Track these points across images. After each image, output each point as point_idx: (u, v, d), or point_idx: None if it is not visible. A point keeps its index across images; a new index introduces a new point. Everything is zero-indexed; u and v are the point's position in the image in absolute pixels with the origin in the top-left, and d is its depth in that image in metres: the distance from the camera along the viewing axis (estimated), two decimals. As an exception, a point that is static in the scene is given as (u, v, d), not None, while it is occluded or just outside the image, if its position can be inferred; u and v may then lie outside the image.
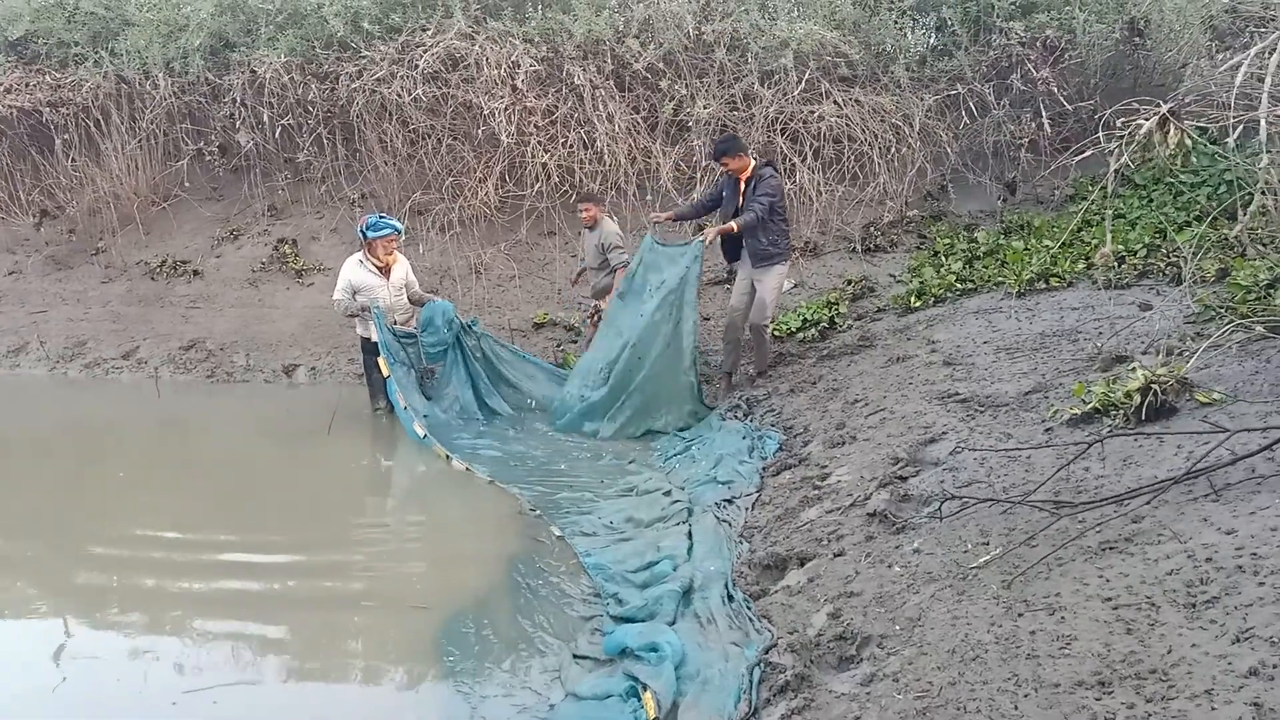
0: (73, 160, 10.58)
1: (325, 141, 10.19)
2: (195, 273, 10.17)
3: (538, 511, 5.37)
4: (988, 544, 3.23)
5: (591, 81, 9.53)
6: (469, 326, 7.51)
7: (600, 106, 9.50)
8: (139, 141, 10.55)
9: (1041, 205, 9.02)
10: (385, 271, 7.20)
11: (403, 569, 4.93)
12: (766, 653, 3.17)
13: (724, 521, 4.63)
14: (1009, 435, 4.28)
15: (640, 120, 9.70)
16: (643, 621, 3.73)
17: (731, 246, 7.22)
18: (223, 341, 9.39)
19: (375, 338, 7.05)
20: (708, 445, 6.08)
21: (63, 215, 10.87)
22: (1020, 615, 2.75)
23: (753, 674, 3.07)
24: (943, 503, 3.53)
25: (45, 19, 10.93)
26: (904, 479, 4.16)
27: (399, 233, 7.18)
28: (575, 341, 8.68)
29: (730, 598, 3.70)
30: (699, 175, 9.52)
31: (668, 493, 5.31)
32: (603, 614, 4.02)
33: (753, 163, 7.11)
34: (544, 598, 4.32)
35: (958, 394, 5.16)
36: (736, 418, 6.59)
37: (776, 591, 3.69)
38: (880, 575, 3.37)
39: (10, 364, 9.50)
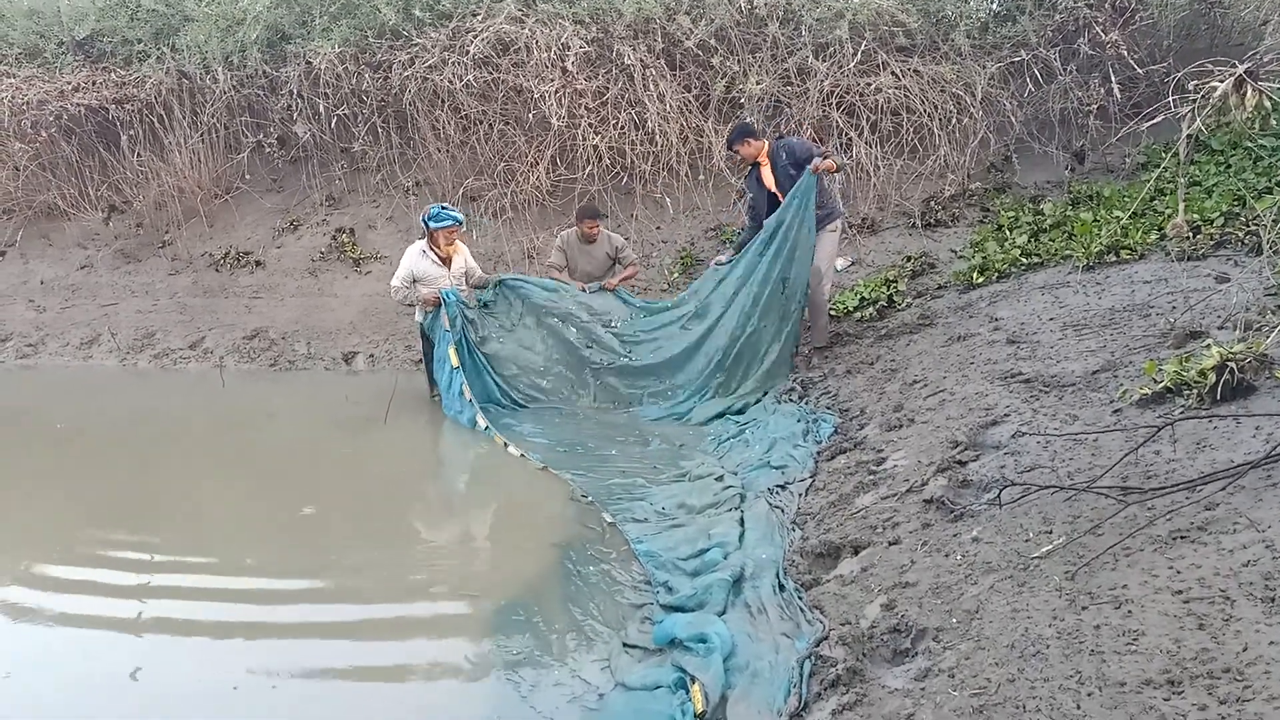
0: (138, 156, 10.80)
1: (380, 130, 10.24)
2: (257, 263, 10.33)
3: (589, 498, 5.32)
4: (1050, 533, 3.09)
5: (642, 61, 9.42)
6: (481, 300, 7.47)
7: (651, 86, 9.39)
8: (201, 135, 10.73)
9: (1111, 174, 8.68)
10: (446, 262, 7.21)
11: (456, 557, 4.94)
12: (818, 645, 3.08)
13: (776, 508, 4.52)
14: (1075, 417, 4.10)
15: (692, 99, 9.57)
16: (692, 611, 3.65)
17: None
18: (284, 330, 9.52)
19: (448, 325, 7.03)
20: (761, 429, 5.97)
21: (130, 210, 11.11)
22: (1084, 608, 2.61)
23: (803, 667, 2.98)
24: (1003, 489, 3.38)
25: (109, 18, 11.17)
26: (963, 464, 4.01)
27: (460, 224, 7.17)
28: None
29: (781, 587, 3.60)
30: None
31: (720, 478, 5.22)
32: (653, 602, 3.96)
33: (766, 143, 6.97)
34: (595, 585, 4.27)
35: (1021, 374, 4.98)
36: (791, 400, 6.47)
37: (829, 581, 3.58)
38: (937, 565, 3.24)
39: (83, 355, 9.76)
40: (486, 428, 6.66)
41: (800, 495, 4.64)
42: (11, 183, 10.99)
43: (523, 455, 6.14)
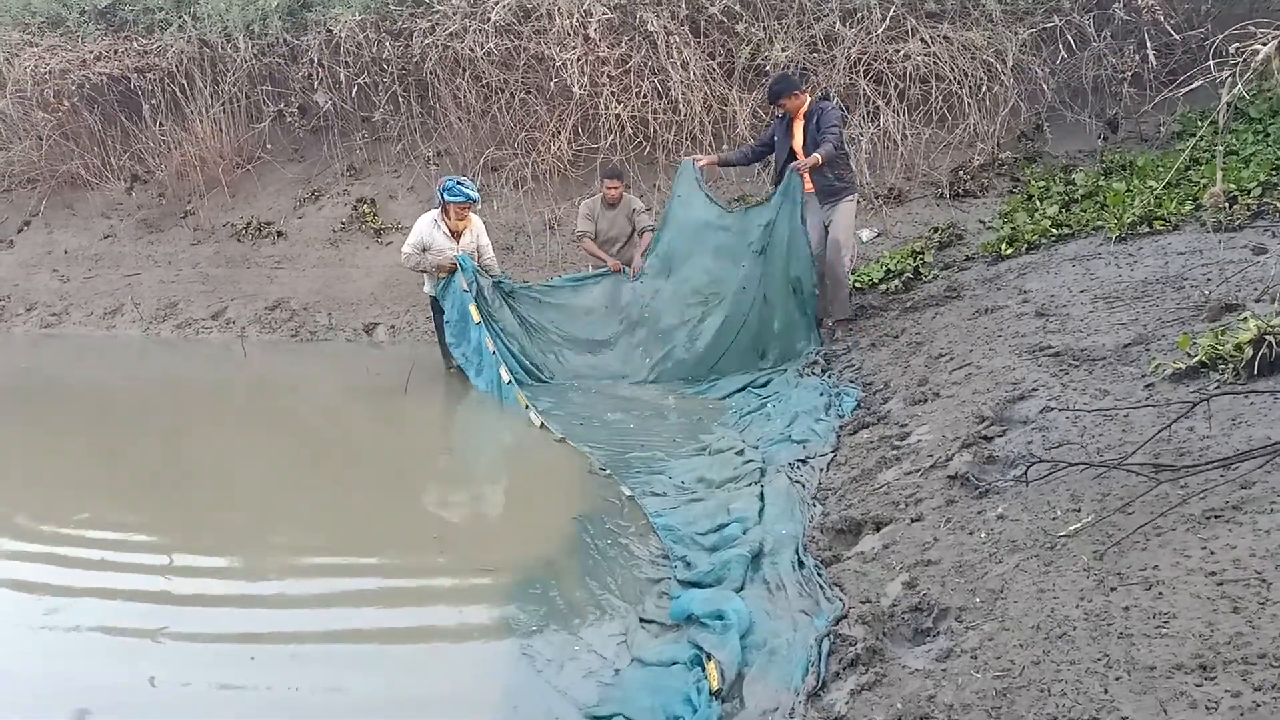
0: (160, 125, 10.78)
1: (400, 100, 10.16)
2: (279, 233, 10.31)
3: (608, 471, 5.26)
4: (1079, 511, 3.00)
5: (665, 28, 9.27)
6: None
7: (675, 54, 9.24)
8: (222, 105, 10.69)
9: (1145, 143, 8.47)
10: (456, 235, 7.18)
11: (473, 530, 4.92)
12: (837, 623, 3.01)
13: (797, 483, 4.45)
14: (1105, 392, 3.99)
15: (716, 67, 9.41)
16: (710, 587, 3.59)
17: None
18: (306, 301, 9.52)
19: (466, 286, 6.98)
20: (784, 402, 5.88)
21: (152, 180, 11.11)
22: (1113, 589, 2.53)
23: (822, 645, 2.91)
24: (1029, 467, 3.29)
25: (131, -16, 11.12)
26: (989, 439, 3.91)
27: (473, 201, 7.11)
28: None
29: (801, 564, 3.53)
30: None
31: (740, 452, 5.14)
32: (670, 577, 3.90)
33: (809, 98, 6.83)
34: (612, 559, 4.22)
35: (1050, 347, 4.86)
36: (814, 373, 6.37)
37: (850, 558, 3.51)
38: (960, 543, 3.16)
39: (107, 325, 9.81)
40: (509, 382, 6.63)
41: (821, 470, 4.56)
42: (35, 152, 11.00)
43: (543, 425, 6.10)
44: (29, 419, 7.22)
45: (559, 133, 9.52)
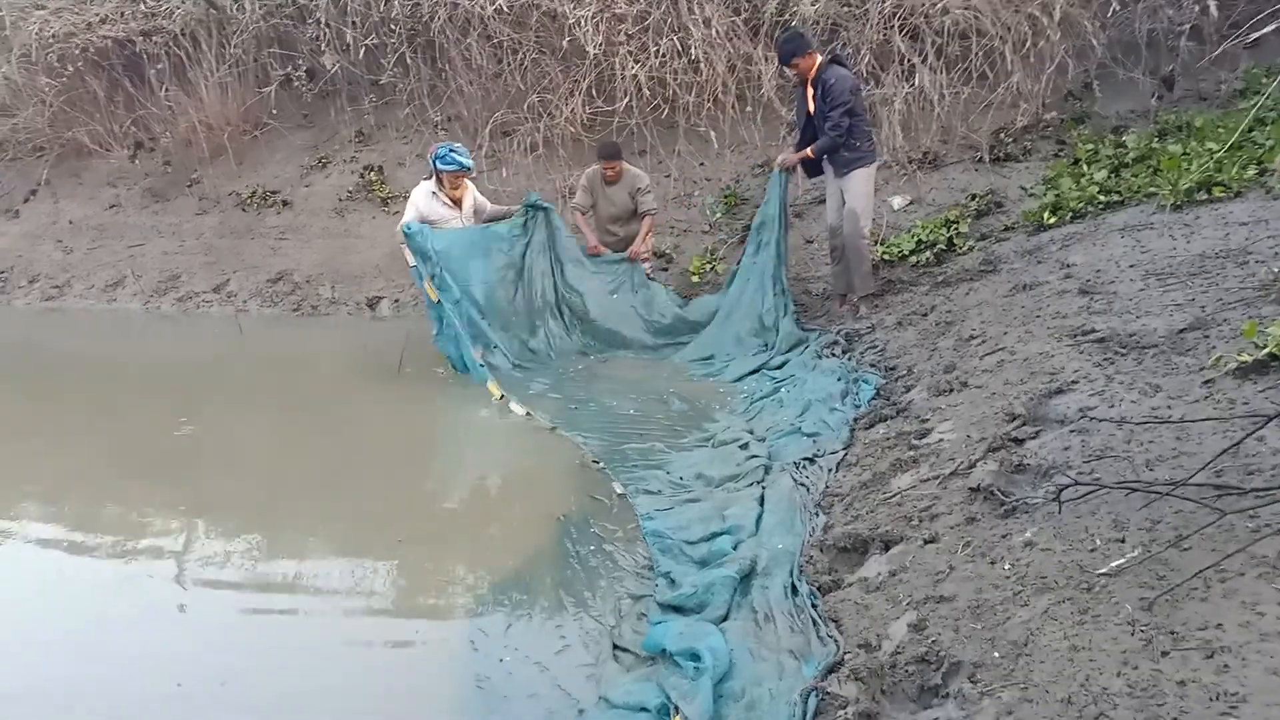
0: (166, 90, 10.41)
1: (409, 62, 9.67)
2: (285, 203, 9.93)
3: (600, 464, 4.82)
4: (1122, 542, 2.49)
5: (687, -18, 8.69)
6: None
7: (696, 10, 8.64)
8: (228, 68, 10.28)
9: (1204, 102, 7.75)
10: (457, 203, 6.77)
11: (441, 532, 4.46)
12: (828, 674, 2.54)
13: (801, 485, 3.95)
14: (1157, 388, 3.44)
15: (740, 24, 8.79)
16: (693, 612, 3.13)
17: (810, 162, 6.48)
18: (309, 274, 9.15)
19: (411, 261, 6.61)
20: (798, 388, 5.37)
21: (158, 147, 10.76)
22: (1165, 654, 2.03)
23: (808, 702, 2.44)
24: (1061, 491, 2.76)
25: (138, -56, 10.72)
26: (1019, 442, 3.39)
27: (467, 170, 6.69)
28: (666, 269, 8.05)
29: (795, 590, 3.05)
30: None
31: (744, 445, 4.65)
32: (652, 595, 3.45)
33: (818, 59, 6.28)
34: (593, 570, 3.78)
35: (1094, 331, 4.30)
36: (834, 354, 5.86)
37: (851, 585, 3.02)
38: (980, 575, 2.66)
39: (108, 298, 9.52)
40: (481, 365, 6.22)
41: (830, 470, 4.06)
42: (39, 119, 10.67)
43: (528, 414, 5.66)
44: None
45: (573, 95, 8.99)
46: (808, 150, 6.34)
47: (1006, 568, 2.63)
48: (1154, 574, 2.31)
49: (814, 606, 2.90)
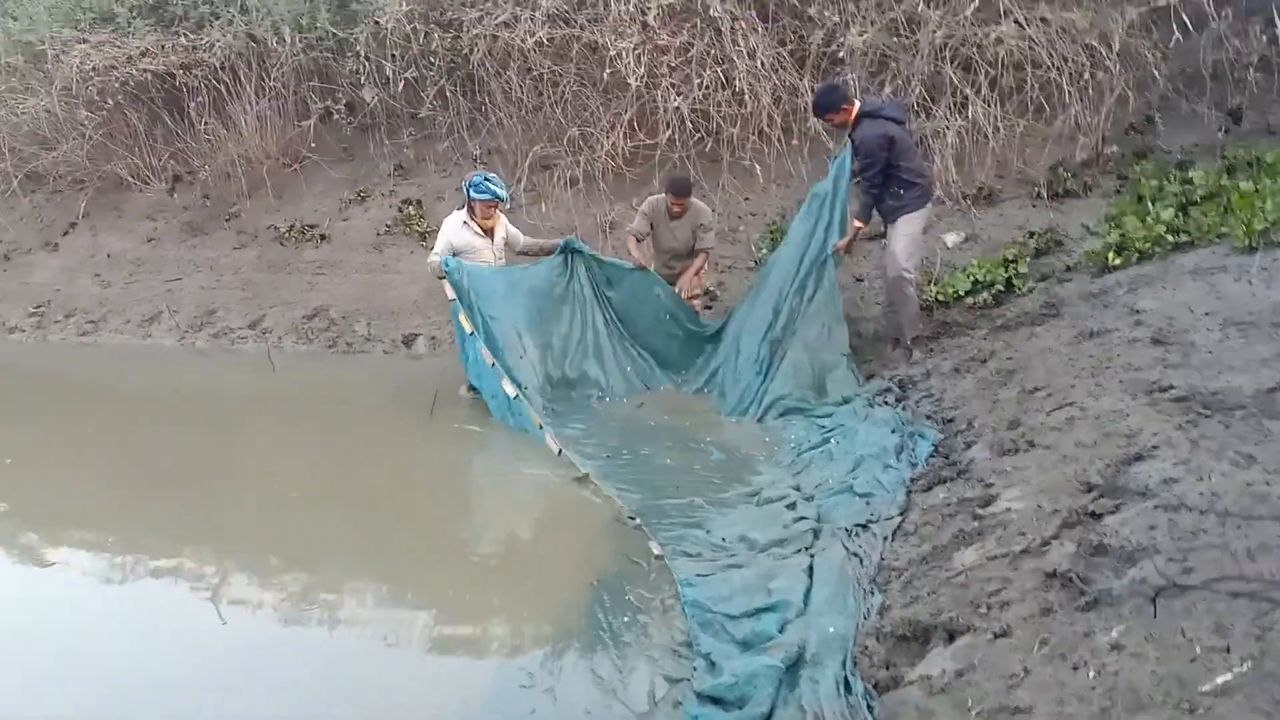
0: (205, 124, 10.37)
1: (448, 95, 9.55)
2: (323, 237, 9.82)
3: (638, 521, 4.53)
4: (1227, 651, 2.17)
5: (731, 13, 8.48)
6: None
7: (740, 41, 8.44)
8: (268, 101, 10.22)
9: (1275, 136, 7.37)
10: (489, 233, 6.63)
11: (463, 594, 4.20)
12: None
13: (855, 555, 3.64)
14: (1250, 458, 3.10)
15: (786, 54, 8.57)
16: (734, 706, 2.83)
17: (858, 206, 6.26)
18: (345, 310, 9.00)
19: (451, 295, 6.41)
20: (849, 439, 5.05)
21: (196, 180, 10.72)
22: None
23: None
24: (1157, 595, 2.42)
25: (181, -22, 10.75)
26: (1098, 517, 3.06)
27: (502, 200, 6.55)
28: (710, 308, 7.79)
29: (848, 686, 2.74)
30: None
31: (792, 505, 4.34)
32: (689, 679, 3.15)
33: (855, 110, 6.05)
34: (626, 645, 3.50)
35: (1172, 387, 3.96)
36: (887, 403, 5.54)
37: (911, 683, 2.70)
38: (1061, 682, 2.34)
39: (143, 333, 9.43)
40: (516, 398, 5.99)
41: (885, 539, 3.75)
42: (79, 152, 10.68)
43: (560, 452, 5.42)
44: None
45: (614, 128, 8.80)
46: (855, 223, 6.19)
47: (1091, 675, 2.31)
48: (1269, 694, 1.99)
49: (869, 709, 2.59)
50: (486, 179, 6.46)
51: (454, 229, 6.55)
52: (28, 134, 10.91)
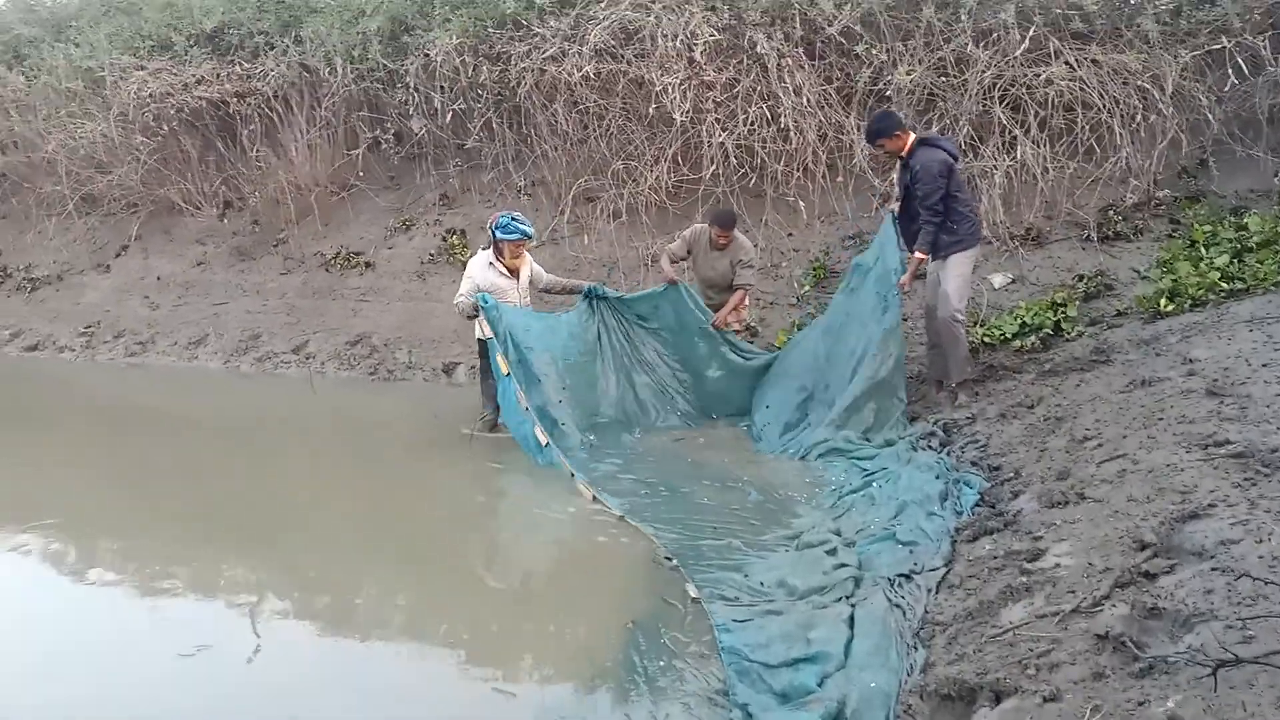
0: (256, 151, 10.56)
1: (495, 126, 9.64)
2: (367, 264, 9.94)
3: (674, 562, 4.47)
4: (1296, 728, 2.08)
5: (778, 50, 8.46)
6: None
7: (786, 78, 8.42)
8: (318, 130, 10.39)
9: (1334, 183, 7.24)
10: (514, 273, 6.64)
11: (497, 633, 4.17)
12: None
13: (897, 607, 3.56)
14: (1314, 520, 3.01)
15: (832, 91, 8.55)
16: (771, 764, 2.77)
17: (908, 236, 6.15)
18: (388, 337, 9.08)
19: (487, 332, 6.42)
20: (891, 483, 4.97)
21: (246, 207, 10.90)
22: None
23: None
24: (1215, 670, 2.32)
25: (237, 9, 10.99)
26: (1152, 577, 2.96)
27: (529, 239, 6.57)
28: (751, 343, 7.73)
29: (891, 748, 2.68)
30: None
31: (832, 551, 4.26)
32: (726, 729, 3.10)
33: (911, 137, 5.98)
34: (661, 691, 3.43)
35: (1228, 442, 3.85)
36: (931, 447, 5.45)
37: (957, 747, 2.63)
38: (1116, 754, 2.27)
39: (189, 356, 9.58)
40: (546, 445, 5.96)
41: (930, 591, 3.66)
42: (133, 176, 10.90)
43: (595, 498, 5.36)
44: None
45: (658, 162, 8.83)
46: (917, 254, 6.05)
47: (1149, 747, 2.23)
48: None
49: (915, 771, 2.52)
50: (513, 219, 6.47)
51: (480, 270, 6.57)
52: (84, 157, 11.18)
